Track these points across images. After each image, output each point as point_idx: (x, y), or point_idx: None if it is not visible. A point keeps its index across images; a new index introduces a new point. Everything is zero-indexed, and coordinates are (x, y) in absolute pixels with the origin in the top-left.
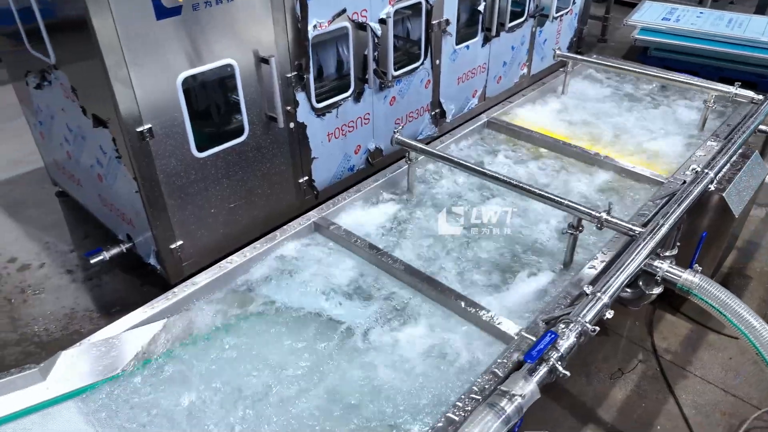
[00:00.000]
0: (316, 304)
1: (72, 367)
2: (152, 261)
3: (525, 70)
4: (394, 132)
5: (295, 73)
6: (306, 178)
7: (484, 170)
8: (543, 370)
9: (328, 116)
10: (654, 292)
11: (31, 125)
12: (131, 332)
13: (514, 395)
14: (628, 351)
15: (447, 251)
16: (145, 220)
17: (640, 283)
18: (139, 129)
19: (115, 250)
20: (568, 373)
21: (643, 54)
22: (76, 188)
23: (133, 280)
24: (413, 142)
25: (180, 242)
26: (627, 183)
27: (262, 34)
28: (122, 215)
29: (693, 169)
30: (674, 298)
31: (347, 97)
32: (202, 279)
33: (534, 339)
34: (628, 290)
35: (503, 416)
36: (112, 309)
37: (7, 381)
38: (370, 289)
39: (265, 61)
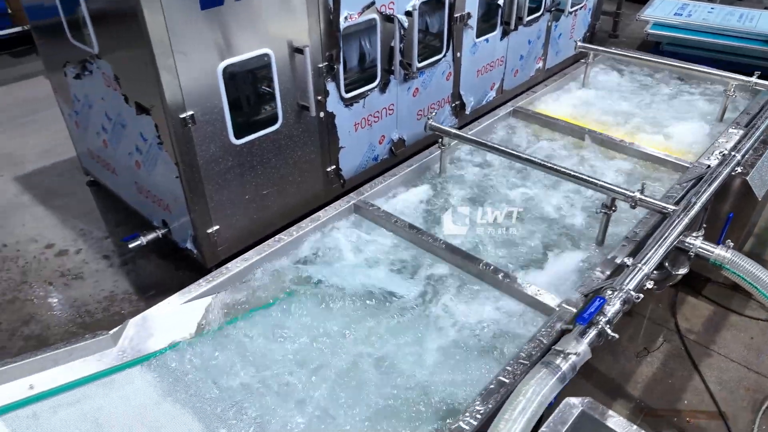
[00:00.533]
0: (362, 279)
1: (139, 334)
2: (189, 245)
3: (540, 64)
4: (428, 118)
5: (326, 63)
6: (333, 166)
7: (518, 153)
8: (593, 332)
9: (356, 106)
10: (680, 272)
11: (66, 115)
12: (190, 304)
13: (568, 353)
14: (652, 331)
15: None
16: (184, 205)
17: (666, 264)
18: (182, 115)
19: (151, 236)
20: (616, 336)
21: (655, 49)
22: (110, 177)
23: (167, 265)
24: (447, 128)
25: (216, 227)
26: (652, 168)
27: (296, 25)
28: (159, 201)
29: (720, 152)
30: (696, 282)
31: (374, 88)
32: (253, 256)
33: (574, 310)
34: (655, 272)
35: (559, 373)
36: (149, 292)
37: (82, 346)
38: (412, 267)
39: (300, 51)
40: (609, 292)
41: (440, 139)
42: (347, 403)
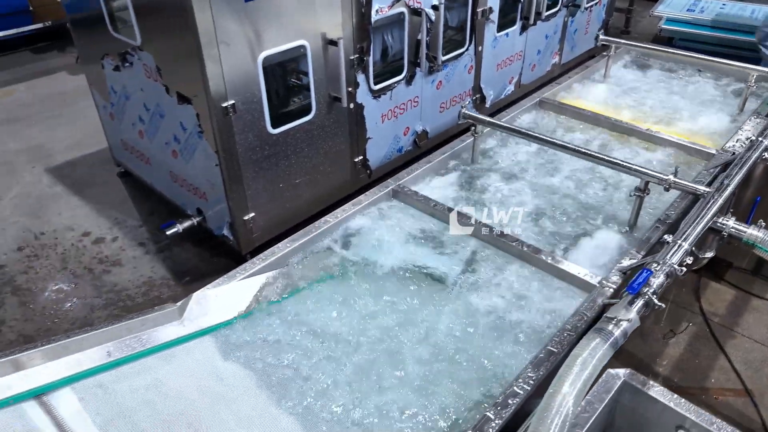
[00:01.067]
0: (404, 258)
1: (202, 308)
2: (225, 232)
3: (556, 59)
4: (462, 107)
5: (357, 55)
6: (361, 157)
7: (552, 139)
8: (640, 302)
9: (383, 98)
10: (706, 256)
11: (100, 107)
12: (247, 281)
13: (620, 320)
14: (677, 315)
15: (517, 214)
16: (222, 192)
17: (693, 248)
18: (224, 104)
19: (186, 223)
20: (663, 305)
21: (668, 44)
22: (143, 167)
23: (202, 252)
24: (481, 116)
25: (252, 214)
26: (678, 155)
27: (331, 17)
28: (195, 190)
29: (748, 138)
30: (718, 268)
31: (400, 80)
32: (301, 237)
33: (614, 287)
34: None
35: (611, 339)
36: (185, 278)
37: (153, 316)
38: (452, 247)
39: (334, 43)
40: (654, 265)
41: (473, 127)
42: (402, 368)
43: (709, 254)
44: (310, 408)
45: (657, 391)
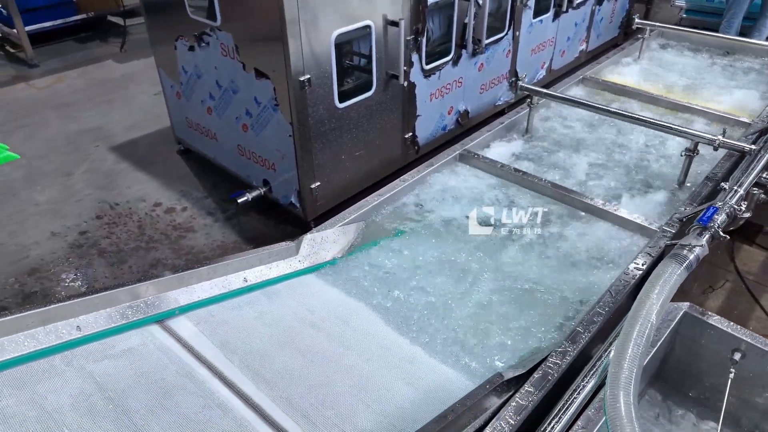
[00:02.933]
0: (477, 213)
1: (312, 247)
2: (293, 200)
3: (584, 46)
4: (518, 80)
5: (413, 36)
6: (410, 134)
7: (606, 107)
8: (708, 234)
9: (432, 78)
10: (744, 216)
11: (166, 87)
12: (344, 227)
13: (693, 246)
14: (713, 274)
15: (575, 175)
16: (292, 162)
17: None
18: (302, 78)
19: (255, 193)
20: (727, 237)
21: None
22: (208, 143)
23: (268, 221)
24: (538, 88)
25: (318, 183)
26: (717, 125)
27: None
28: (263, 161)
29: None
30: (750, 233)
31: (448, 61)
32: (386, 192)
33: (673, 231)
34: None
35: (686, 262)
36: (255, 243)
37: (276, 250)
38: (521, 203)
39: (395, 24)
40: (719, 203)
41: (529, 99)
42: (494, 298)
43: (747, 215)
44: (410, 326)
45: (715, 319)
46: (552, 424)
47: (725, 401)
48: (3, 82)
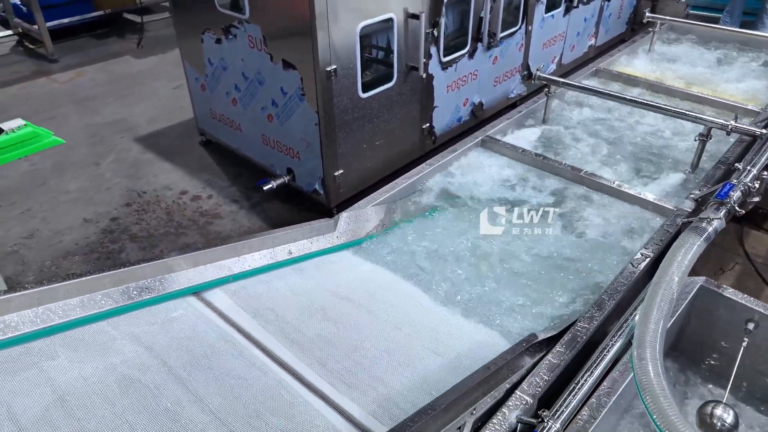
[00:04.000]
0: (499, 194)
1: (348, 225)
2: (317, 187)
3: (593, 41)
4: (536, 69)
5: (432, 29)
6: (428, 124)
7: (622, 95)
8: (725, 209)
9: (449, 70)
10: (753, 200)
11: (191, 80)
12: (378, 207)
13: (711, 219)
14: (723, 258)
15: (592, 159)
16: (316, 150)
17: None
18: (328, 68)
19: (279, 181)
20: (743, 211)
21: None
22: (231, 133)
23: (291, 208)
24: (555, 77)
25: (341, 171)
26: (727, 114)
27: None
28: (288, 150)
29: None
30: (759, 219)
31: (464, 54)
32: (414, 175)
33: (688, 210)
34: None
35: (705, 234)
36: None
37: (316, 226)
38: (541, 185)
39: (416, 17)
40: (735, 180)
41: (547, 88)
42: (524, 269)
43: (756, 198)
44: (448, 294)
45: (729, 292)
46: (583, 379)
47: (735, 366)
48: (25, 76)
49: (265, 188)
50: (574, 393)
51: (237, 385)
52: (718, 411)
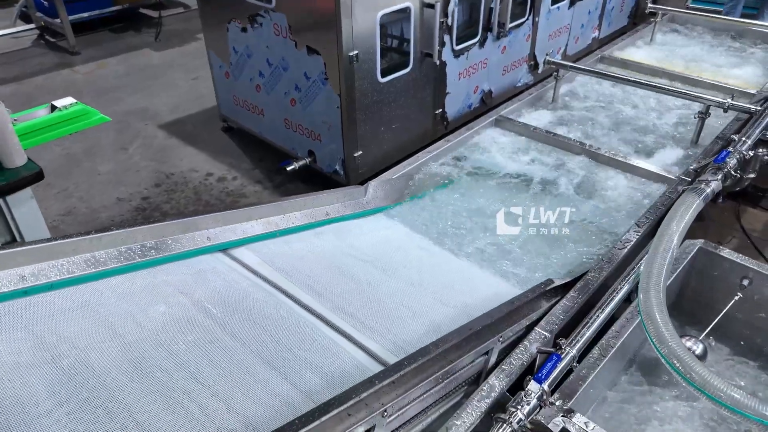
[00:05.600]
0: (512, 168)
1: (375, 192)
2: (337, 167)
3: (596, 33)
4: (546, 54)
5: (446, 18)
6: (441, 110)
7: (627, 76)
8: (721, 174)
9: (461, 58)
10: (749, 176)
11: (215, 68)
12: (402, 177)
13: (709, 181)
14: (721, 233)
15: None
16: (337, 132)
17: (738, 170)
18: (351, 53)
19: (301, 162)
20: (738, 174)
21: None
22: (254, 119)
23: (313, 188)
24: (563, 62)
25: (360, 152)
26: (725, 96)
27: None
28: (309, 133)
29: None
30: (755, 197)
31: (475, 43)
32: (434, 149)
33: (689, 180)
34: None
35: (703, 194)
36: None
37: (349, 191)
38: (553, 160)
39: (431, 6)
40: (731, 148)
41: (555, 72)
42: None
43: (752, 175)
44: (467, 252)
45: (726, 252)
46: (595, 315)
47: (720, 315)
48: (49, 68)
49: (288, 168)
50: (587, 326)
51: (270, 325)
52: (689, 343)
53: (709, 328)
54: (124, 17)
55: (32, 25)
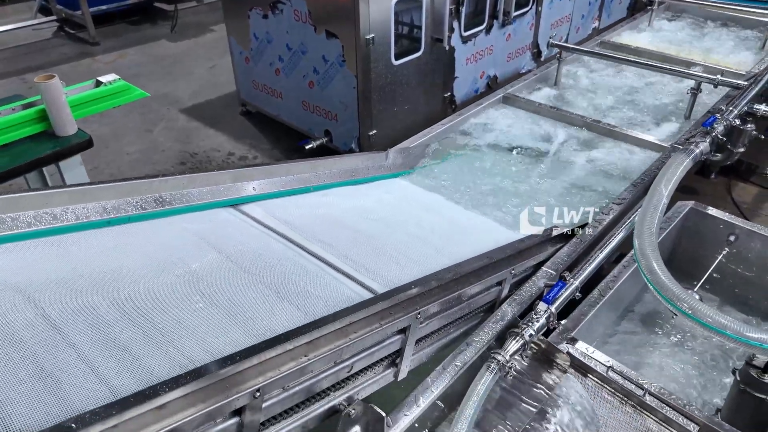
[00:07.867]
0: (516, 142)
1: (397, 157)
2: (353, 146)
3: (596, 24)
4: (550, 38)
5: (455, 5)
6: (449, 93)
7: (626, 57)
8: (709, 138)
9: (469, 44)
10: (739, 150)
11: (235, 54)
12: (420, 145)
13: (699, 142)
14: (713, 203)
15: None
16: (353, 111)
17: (729, 145)
18: (368, 36)
19: (318, 141)
20: (724, 138)
21: None
22: (273, 102)
23: None
24: (566, 44)
25: (374, 131)
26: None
27: None
28: (326, 113)
29: None
30: (745, 172)
31: (482, 30)
32: (448, 122)
33: (682, 147)
34: (718, 155)
35: (694, 153)
36: None
37: (373, 156)
38: (559, 133)
39: None
40: (718, 115)
41: (559, 54)
42: (548, 188)
43: (741, 149)
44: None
45: (714, 211)
46: (595, 254)
47: (711, 269)
48: (71, 57)
49: (306, 147)
50: (589, 262)
51: (285, 268)
52: None
53: (702, 281)
54: (139, 10)
55: (53, 17)
